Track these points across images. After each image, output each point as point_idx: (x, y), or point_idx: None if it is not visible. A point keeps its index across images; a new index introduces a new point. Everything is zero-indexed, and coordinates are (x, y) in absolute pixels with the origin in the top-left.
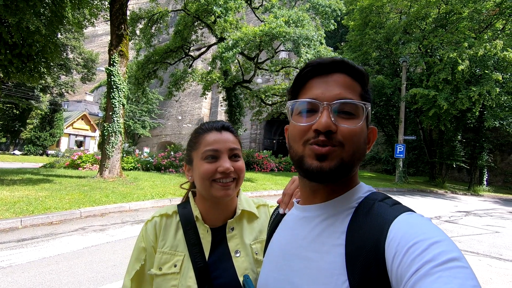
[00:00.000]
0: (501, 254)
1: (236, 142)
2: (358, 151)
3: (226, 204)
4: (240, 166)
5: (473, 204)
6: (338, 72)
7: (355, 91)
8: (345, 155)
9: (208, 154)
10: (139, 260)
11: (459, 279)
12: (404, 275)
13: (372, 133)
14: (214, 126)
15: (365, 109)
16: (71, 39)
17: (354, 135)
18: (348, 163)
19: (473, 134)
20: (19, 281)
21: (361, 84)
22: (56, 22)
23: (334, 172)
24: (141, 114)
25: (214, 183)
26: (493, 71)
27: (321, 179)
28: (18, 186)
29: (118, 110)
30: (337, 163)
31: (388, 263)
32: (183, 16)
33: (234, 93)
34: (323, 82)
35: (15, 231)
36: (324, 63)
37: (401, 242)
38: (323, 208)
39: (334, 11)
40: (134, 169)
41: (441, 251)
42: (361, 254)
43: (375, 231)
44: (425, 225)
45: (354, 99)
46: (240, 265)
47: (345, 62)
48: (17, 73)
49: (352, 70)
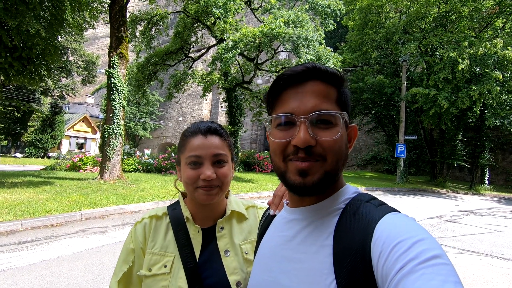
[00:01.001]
0: (502, 253)
1: (223, 146)
2: (341, 158)
3: (215, 205)
4: (224, 173)
5: (474, 203)
6: (312, 79)
7: (331, 98)
8: (328, 167)
9: (191, 160)
10: (127, 261)
11: (442, 275)
12: (389, 273)
13: (353, 131)
14: (200, 129)
15: (342, 119)
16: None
17: (335, 145)
18: (332, 174)
19: (474, 133)
20: (19, 283)
21: (338, 87)
22: (56, 25)
23: (318, 186)
24: (142, 115)
25: (198, 188)
26: (494, 70)
27: (305, 193)
28: (19, 189)
29: (119, 112)
30: (320, 176)
31: (374, 262)
32: (182, 18)
33: (234, 94)
34: (298, 93)
35: (16, 234)
36: (296, 73)
37: (386, 241)
38: (311, 210)
39: (333, 11)
40: (134, 171)
41: (424, 249)
42: (348, 254)
43: (361, 231)
44: (409, 225)
45: (330, 107)
46: (230, 265)
47: (317, 68)
48: (18, 76)
49: (326, 76)
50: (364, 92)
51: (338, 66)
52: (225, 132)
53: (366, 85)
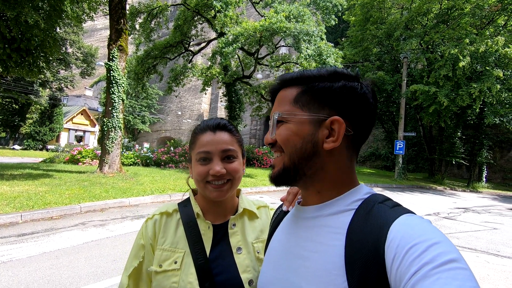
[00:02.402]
0: (498, 250)
1: (232, 141)
2: (295, 152)
3: (226, 202)
4: (234, 168)
5: (471, 200)
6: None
7: (286, 101)
8: (285, 159)
9: (200, 156)
10: (138, 257)
11: (458, 280)
12: (403, 277)
13: (337, 124)
14: (209, 125)
15: (275, 118)
16: (70, 34)
17: (280, 139)
18: (289, 167)
19: (473, 131)
20: (19, 275)
21: (301, 85)
22: (55, 16)
23: (278, 178)
24: (141, 109)
25: (208, 184)
26: (494, 68)
27: (274, 184)
28: (18, 181)
29: (118, 105)
30: (279, 169)
31: (387, 265)
32: (183, 11)
33: (234, 89)
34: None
35: (15, 226)
36: (273, 90)
37: (400, 243)
38: (322, 208)
39: (335, 6)
40: (134, 164)
41: (440, 252)
42: (360, 255)
43: (375, 232)
44: (424, 227)
45: (283, 109)
46: (242, 262)
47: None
48: (16, 68)
49: (286, 82)
50: None
51: (339, 61)
52: (234, 128)
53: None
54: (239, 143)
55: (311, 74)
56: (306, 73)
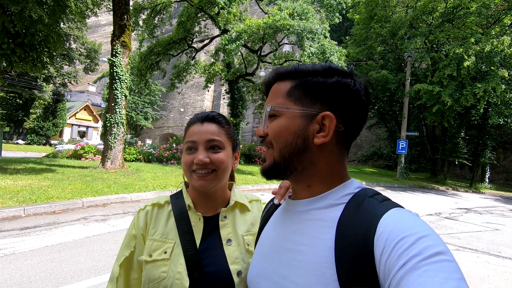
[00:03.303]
0: (499, 251)
1: (219, 133)
2: (286, 146)
3: (217, 194)
4: (219, 158)
5: (474, 201)
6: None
7: (280, 94)
8: (275, 154)
9: (188, 146)
10: (129, 247)
11: (445, 272)
12: (391, 269)
13: (328, 119)
14: (198, 117)
15: (268, 110)
16: (74, 29)
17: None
18: (279, 161)
19: (477, 131)
20: (22, 268)
21: (294, 79)
22: (58, 11)
23: (268, 171)
24: (144, 105)
25: (193, 173)
26: (500, 68)
27: (265, 177)
28: (21, 175)
29: (121, 101)
30: (270, 162)
31: (376, 258)
32: (186, 7)
33: (237, 86)
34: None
35: (18, 220)
36: (268, 83)
37: (389, 237)
38: (313, 202)
39: (339, 4)
40: (136, 160)
41: (428, 245)
42: (350, 248)
43: (364, 226)
44: (413, 221)
45: (276, 102)
46: (231, 254)
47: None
48: (20, 63)
49: (280, 76)
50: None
51: (342, 60)
52: (224, 120)
53: (369, 80)
54: (228, 135)
55: (306, 69)
56: (301, 68)
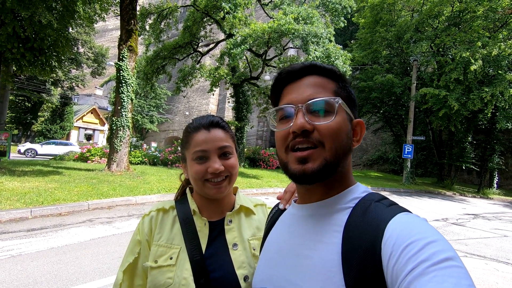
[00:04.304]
0: (508, 258)
1: (227, 138)
2: (341, 147)
3: (223, 199)
4: (232, 164)
5: (482, 207)
6: (309, 74)
7: (328, 88)
8: (328, 155)
9: (197, 155)
10: (133, 253)
11: (454, 278)
12: (399, 274)
13: (359, 125)
14: (202, 123)
15: (336, 104)
16: (82, 34)
17: (332, 131)
18: (332, 162)
19: (484, 136)
20: (28, 269)
21: (335, 81)
22: (67, 16)
23: (318, 174)
24: (149, 109)
25: (206, 182)
26: (507, 72)
27: (305, 181)
28: (29, 177)
29: (127, 104)
30: (320, 164)
31: (384, 263)
32: (192, 12)
33: (242, 90)
34: (295, 87)
35: (25, 221)
36: (294, 70)
37: (397, 241)
38: (319, 207)
39: (344, 8)
40: (141, 163)
41: (436, 250)
42: (357, 253)
43: (371, 230)
44: (421, 225)
45: (326, 96)
46: (238, 258)
47: (314, 65)
48: (29, 67)
49: (322, 71)
50: (373, 91)
51: (347, 64)
52: (227, 125)
53: (375, 84)
54: (232, 139)
55: (343, 73)
56: (341, 72)
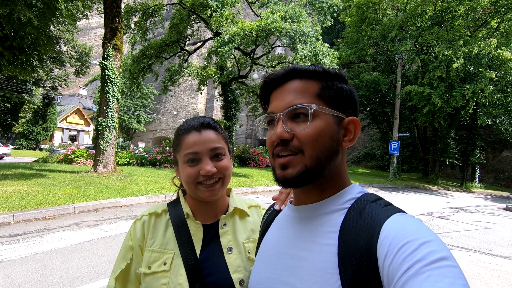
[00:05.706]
0: (490, 249)
1: (219, 139)
2: (323, 152)
3: (216, 201)
4: (224, 165)
5: (465, 200)
6: (292, 79)
7: (308, 93)
8: (308, 161)
9: (189, 158)
10: (125, 259)
11: (449, 278)
12: (395, 274)
13: (352, 123)
14: (193, 125)
15: (311, 110)
16: (64, 32)
17: (310, 138)
18: (313, 167)
19: (466, 132)
20: (11, 276)
21: (321, 80)
22: (48, 14)
23: (298, 179)
24: (136, 108)
25: (199, 185)
26: (487, 69)
27: (289, 185)
28: (10, 181)
29: (113, 104)
30: (300, 170)
31: (380, 263)
32: (178, 10)
33: (230, 89)
34: (279, 94)
35: (7, 226)
36: (277, 77)
37: (392, 242)
38: (314, 208)
39: (330, 7)
40: (128, 164)
41: (431, 250)
42: (353, 253)
43: (367, 231)
44: (416, 226)
45: (306, 101)
46: (233, 262)
47: (295, 69)
48: (9, 66)
49: (304, 73)
50: (360, 89)
51: (334, 62)
52: (218, 126)
53: (361, 82)
54: (225, 139)
55: (332, 72)
56: (330, 70)
